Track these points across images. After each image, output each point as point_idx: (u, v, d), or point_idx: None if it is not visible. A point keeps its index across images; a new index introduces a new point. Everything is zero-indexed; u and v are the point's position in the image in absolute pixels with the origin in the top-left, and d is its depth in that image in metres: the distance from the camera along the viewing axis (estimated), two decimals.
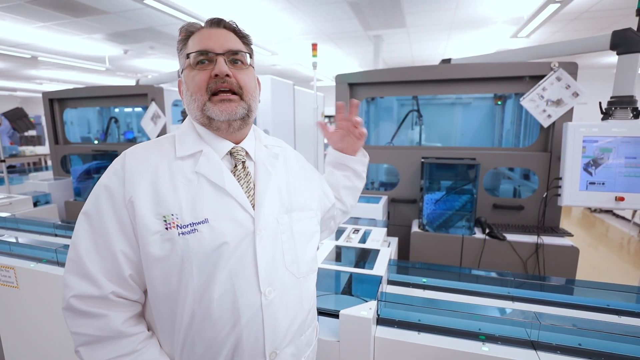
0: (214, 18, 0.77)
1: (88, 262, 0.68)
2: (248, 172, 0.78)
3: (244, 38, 0.80)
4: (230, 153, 0.78)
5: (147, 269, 0.69)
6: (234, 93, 0.74)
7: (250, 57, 0.80)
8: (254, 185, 0.78)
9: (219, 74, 0.71)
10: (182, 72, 0.78)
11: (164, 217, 0.68)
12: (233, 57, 0.75)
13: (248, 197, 0.75)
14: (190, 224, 0.68)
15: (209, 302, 0.68)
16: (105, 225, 0.69)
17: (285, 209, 0.80)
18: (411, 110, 2.92)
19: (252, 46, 0.84)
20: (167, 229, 0.67)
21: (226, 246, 0.69)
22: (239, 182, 0.75)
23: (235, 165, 0.77)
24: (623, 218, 5.30)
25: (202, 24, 0.77)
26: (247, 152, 0.80)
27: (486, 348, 0.98)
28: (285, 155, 0.89)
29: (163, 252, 0.67)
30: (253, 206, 0.75)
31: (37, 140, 8.72)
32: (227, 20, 0.78)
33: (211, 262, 0.68)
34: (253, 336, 0.71)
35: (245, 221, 0.72)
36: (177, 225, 0.67)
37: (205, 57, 0.73)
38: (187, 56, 0.75)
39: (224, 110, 0.73)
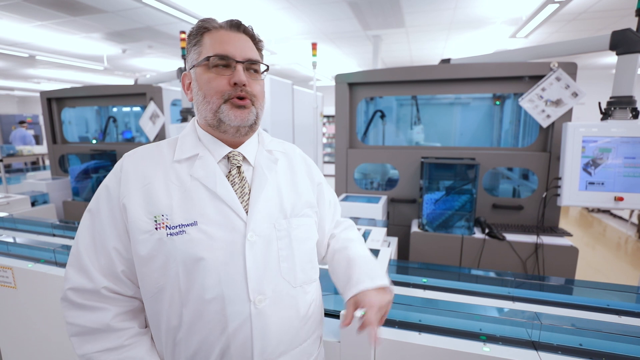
0: (234, 20, 0.76)
1: (86, 257, 0.72)
2: (243, 177, 0.77)
3: (258, 44, 0.80)
4: (228, 157, 0.77)
5: (137, 268, 0.71)
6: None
7: (260, 71, 0.79)
8: (249, 190, 0.77)
9: (237, 83, 0.72)
10: (191, 68, 0.76)
11: (155, 217, 0.69)
12: (250, 67, 0.76)
13: (242, 202, 0.74)
14: (179, 225, 0.69)
15: (196, 307, 0.68)
16: (102, 222, 0.72)
17: (284, 214, 0.78)
18: (376, 110, 2.95)
19: None
20: (156, 229, 0.69)
21: (214, 250, 0.69)
22: (233, 186, 0.74)
23: (230, 170, 0.77)
24: (620, 218, 5.32)
25: (219, 22, 0.76)
26: (244, 157, 0.79)
27: (487, 348, 0.98)
28: (290, 160, 0.87)
29: (151, 252, 0.68)
30: (247, 212, 0.74)
31: (34, 140, 8.69)
32: (246, 25, 0.78)
33: (199, 266, 0.68)
34: (241, 345, 0.70)
35: (236, 226, 0.71)
36: (166, 226, 0.69)
37: (225, 62, 0.73)
38: (207, 58, 0.73)
39: (238, 116, 0.73)
